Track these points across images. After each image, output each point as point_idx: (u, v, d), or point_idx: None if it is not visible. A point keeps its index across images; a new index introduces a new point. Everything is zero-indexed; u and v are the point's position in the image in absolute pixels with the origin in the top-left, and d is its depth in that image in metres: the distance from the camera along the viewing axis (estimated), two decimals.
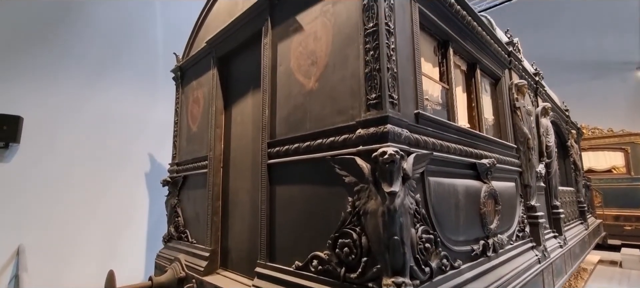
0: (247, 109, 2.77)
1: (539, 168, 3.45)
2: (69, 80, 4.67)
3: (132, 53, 5.45)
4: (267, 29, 2.49)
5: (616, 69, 11.22)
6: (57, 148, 4.46)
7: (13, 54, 4.24)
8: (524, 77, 3.65)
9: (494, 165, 2.41)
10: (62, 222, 4.35)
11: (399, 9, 1.86)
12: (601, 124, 10.34)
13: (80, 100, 4.74)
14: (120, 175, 5.01)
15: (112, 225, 4.79)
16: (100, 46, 5.06)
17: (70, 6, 4.84)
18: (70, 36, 4.77)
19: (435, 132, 1.96)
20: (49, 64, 4.51)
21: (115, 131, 5.04)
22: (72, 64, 4.72)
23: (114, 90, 5.13)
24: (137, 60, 5.50)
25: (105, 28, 5.16)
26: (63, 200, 4.40)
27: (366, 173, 1.54)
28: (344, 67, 1.85)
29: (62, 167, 4.46)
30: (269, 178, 2.21)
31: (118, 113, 5.11)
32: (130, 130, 5.22)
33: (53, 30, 4.62)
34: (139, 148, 5.34)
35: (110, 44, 5.19)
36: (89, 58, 4.91)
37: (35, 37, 4.44)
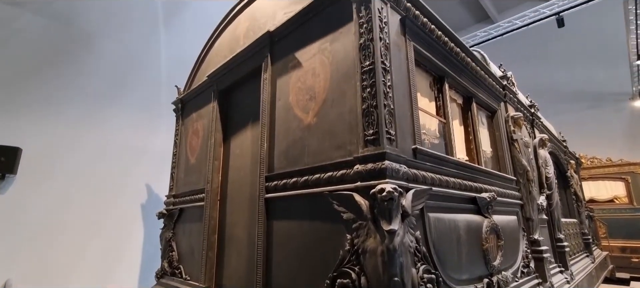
0: (246, 142, 2.78)
1: (540, 200, 3.42)
2: (70, 111, 4.72)
3: (134, 85, 5.56)
4: (267, 64, 2.56)
5: (609, 99, 11.45)
6: (54, 179, 4.42)
7: (15, 85, 4.31)
8: (519, 110, 3.70)
9: (495, 199, 2.38)
10: (54, 255, 4.23)
11: (394, 48, 1.92)
12: (599, 153, 10.38)
13: (80, 131, 4.77)
14: (116, 208, 4.93)
15: (105, 260, 4.66)
16: (102, 78, 5.17)
17: (77, 38, 5.00)
18: (73, 68, 4.88)
19: (434, 167, 1.96)
20: (50, 95, 4.57)
21: (114, 162, 5.03)
22: (73, 95, 4.80)
23: (115, 121, 5.17)
24: (139, 92, 5.60)
25: (109, 60, 5.31)
26: (56, 233, 4.30)
27: (364, 210, 1.52)
28: (341, 103, 1.88)
29: (58, 198, 4.40)
30: (267, 213, 2.18)
31: (118, 144, 5.13)
32: (129, 161, 5.21)
33: (56, 62, 4.74)
34: (136, 179, 5.30)
35: (113, 76, 5.31)
36: (91, 89, 5.00)
37: (37, 68, 4.53)
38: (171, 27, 6.37)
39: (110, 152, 5.02)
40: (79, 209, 4.55)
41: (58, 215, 4.36)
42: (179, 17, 6.56)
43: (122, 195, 5.05)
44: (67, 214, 4.44)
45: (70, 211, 4.47)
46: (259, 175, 2.30)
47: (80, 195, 4.60)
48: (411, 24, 2.12)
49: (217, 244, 2.73)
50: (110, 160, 5.00)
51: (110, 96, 5.21)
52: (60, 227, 4.34)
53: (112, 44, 5.38)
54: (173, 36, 6.34)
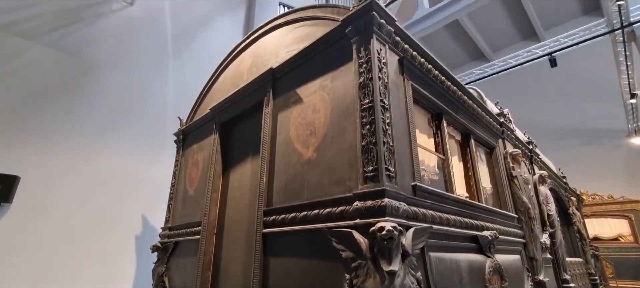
0: (245, 175, 2.78)
1: (543, 238, 3.35)
2: (73, 140, 4.76)
3: (138, 115, 5.65)
4: (268, 99, 2.62)
5: (606, 135, 11.56)
6: (50, 209, 4.36)
7: (19, 114, 4.37)
8: (517, 146, 3.73)
9: (497, 238, 2.34)
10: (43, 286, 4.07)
11: (393, 87, 1.98)
12: (600, 190, 10.32)
13: (81, 160, 4.78)
14: (110, 240, 4.82)
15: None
16: (107, 108, 5.27)
17: (85, 69, 5.14)
18: (78, 98, 4.99)
19: (434, 204, 1.95)
20: (54, 125, 4.63)
21: (112, 193, 4.99)
22: (77, 125, 4.86)
23: (117, 152, 5.20)
24: (143, 123, 5.67)
25: (115, 90, 5.43)
26: (46, 263, 4.17)
27: (364, 249, 1.49)
28: (341, 139, 1.91)
29: (52, 229, 4.31)
30: (264, 249, 2.13)
31: (118, 175, 5.11)
32: (127, 192, 5.17)
33: (62, 92, 4.84)
34: (133, 211, 5.23)
35: (118, 106, 5.41)
36: (95, 119, 5.08)
37: (43, 98, 4.63)
38: (179, 60, 6.59)
39: (109, 183, 5.00)
40: (72, 241, 4.44)
41: (51, 246, 4.25)
42: (186, 51, 6.79)
43: (117, 228, 4.95)
44: (60, 246, 4.33)
45: (63, 243, 4.36)
46: (258, 209, 2.28)
47: (75, 226, 4.51)
48: (409, 64, 2.20)
49: (211, 280, 2.63)
50: (109, 191, 4.97)
51: (114, 126, 5.28)
52: (52, 258, 4.22)
53: (119, 75, 5.53)
54: (180, 69, 6.53)
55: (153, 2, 6.37)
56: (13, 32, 4.51)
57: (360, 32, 1.99)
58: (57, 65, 4.84)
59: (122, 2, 5.88)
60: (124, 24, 5.84)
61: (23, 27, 4.62)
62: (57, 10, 5.02)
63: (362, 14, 1.98)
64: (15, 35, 4.53)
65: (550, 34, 11.28)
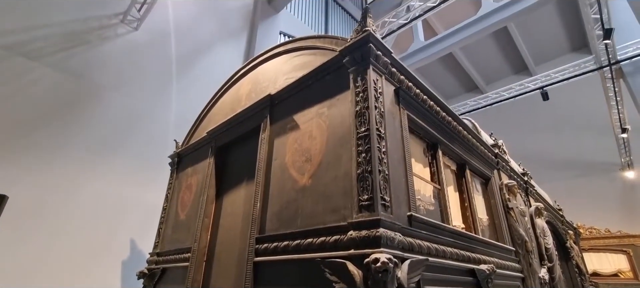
0: (239, 200, 2.73)
1: (542, 273, 3.28)
2: (68, 162, 4.72)
3: (137, 138, 5.64)
4: (266, 124, 2.63)
5: (600, 168, 11.66)
6: (38, 230, 4.24)
7: (15, 133, 4.34)
8: (513, 177, 3.74)
9: (494, 272, 2.29)
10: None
11: (389, 116, 2.00)
12: (596, 223, 10.26)
13: (74, 182, 4.70)
14: (96, 265, 4.65)
15: None
16: (106, 130, 5.27)
17: (87, 91, 5.18)
18: (78, 119, 4.99)
19: (430, 235, 1.91)
20: (50, 145, 4.60)
21: (102, 216, 4.88)
22: (74, 146, 4.83)
23: (112, 174, 5.14)
24: (141, 146, 5.65)
25: (115, 113, 5.45)
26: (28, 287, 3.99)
27: (358, 282, 1.44)
28: (337, 167, 1.90)
29: (38, 251, 4.17)
30: (254, 279, 2.05)
31: (110, 197, 5.03)
32: (118, 215, 5.06)
33: (62, 113, 4.84)
34: (122, 235, 5.09)
35: (117, 128, 5.41)
36: (93, 141, 5.05)
37: (42, 118, 4.62)
38: (180, 84, 6.67)
39: (100, 206, 4.90)
40: (57, 265, 4.28)
41: (35, 269, 4.08)
42: (187, 76, 6.89)
43: (106, 253, 4.80)
44: (45, 268, 4.16)
45: (48, 265, 4.20)
46: (250, 237, 2.22)
47: (60, 250, 4.36)
48: (405, 94, 2.24)
49: None
50: (100, 214, 4.86)
51: (111, 149, 5.25)
52: (34, 281, 4.03)
53: (120, 98, 5.57)
54: (180, 94, 6.60)
55: (157, 28, 6.53)
56: (18, 52, 4.57)
57: (358, 62, 2.03)
58: (59, 87, 4.88)
59: (127, 27, 6.03)
60: (128, 48, 5.96)
61: (29, 47, 4.70)
62: (64, 33, 5.13)
63: (359, 46, 2.03)
64: (19, 55, 4.59)
65: (541, 69, 11.65)
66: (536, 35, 11.81)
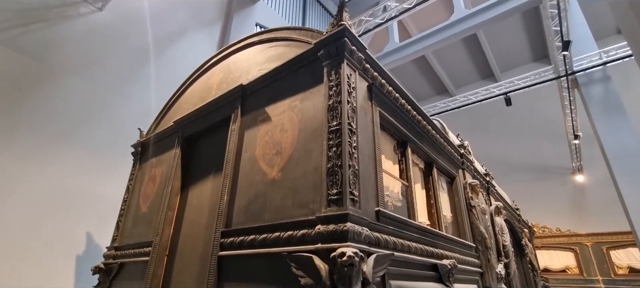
0: (205, 193, 2.63)
1: (499, 268, 3.46)
2: (17, 149, 4.32)
3: (98, 125, 5.28)
4: (236, 115, 2.55)
5: (555, 172, 12.57)
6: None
7: None
8: (476, 177, 3.91)
9: (456, 267, 2.37)
10: None
11: (361, 111, 2.00)
12: (549, 222, 11.06)
13: (24, 171, 4.32)
14: (48, 259, 4.31)
15: None
16: (63, 116, 4.87)
17: (44, 73, 4.76)
18: (32, 102, 4.58)
19: (396, 231, 1.94)
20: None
21: (56, 207, 4.53)
22: (24, 132, 4.43)
23: (67, 163, 4.78)
24: (102, 135, 5.30)
25: (75, 98, 5.06)
26: None
27: (324, 276, 1.43)
28: (307, 161, 1.88)
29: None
30: (218, 274, 1.99)
31: (66, 188, 4.68)
32: (74, 207, 4.72)
33: (14, 95, 4.42)
34: (78, 228, 4.76)
35: (76, 115, 5.03)
36: (46, 127, 4.66)
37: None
38: (147, 71, 6.32)
39: (55, 197, 4.55)
40: (5, 259, 3.92)
41: None
42: (156, 63, 6.55)
43: (58, 247, 4.47)
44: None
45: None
46: (215, 230, 2.15)
47: (9, 243, 4.00)
48: (377, 91, 2.26)
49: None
50: (53, 206, 4.51)
51: (69, 136, 4.88)
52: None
53: (80, 82, 5.19)
54: (148, 81, 6.26)
55: (125, 10, 6.14)
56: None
57: (332, 56, 2.02)
58: (10, 65, 4.44)
59: (90, 7, 5.61)
60: (91, 30, 5.55)
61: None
62: (18, 8, 4.68)
63: (334, 39, 2.02)
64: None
65: (506, 76, 12.32)
66: (503, 44, 12.46)
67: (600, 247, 9.42)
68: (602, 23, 10.52)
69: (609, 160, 7.56)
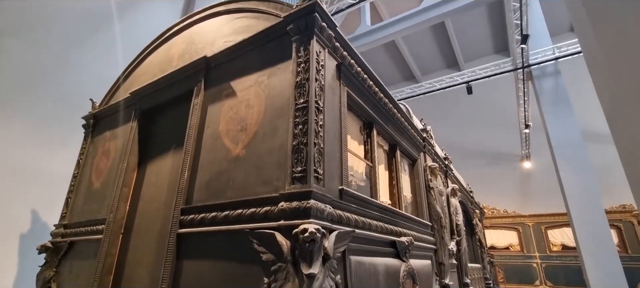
0: (165, 170, 2.51)
1: (451, 246, 3.72)
2: None
3: (42, 96, 4.78)
4: (199, 89, 2.43)
5: (506, 159, 13.60)
6: None
7: None
8: (436, 160, 4.11)
9: (412, 243, 2.51)
10: None
11: (328, 90, 1.99)
12: (497, 204, 12.04)
13: None
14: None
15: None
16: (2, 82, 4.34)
17: None
18: None
19: (358, 209, 2.00)
20: None
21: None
22: None
23: (9, 134, 4.30)
24: (48, 105, 4.82)
25: (13, 64, 4.51)
26: None
27: (285, 252, 1.44)
28: (272, 138, 1.84)
29: None
30: (177, 251, 1.93)
31: (6, 161, 4.22)
32: (16, 183, 4.29)
33: None
34: (21, 205, 4.37)
35: (15, 82, 4.50)
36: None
37: None
38: (103, 37, 5.78)
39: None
40: None
41: None
42: (112, 29, 6.00)
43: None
44: None
45: None
46: (174, 208, 2.07)
47: None
48: (346, 71, 2.25)
49: (111, 287, 2.30)
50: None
51: (8, 105, 4.36)
52: None
53: (22, 45, 4.62)
54: (102, 48, 5.73)
55: None
56: None
57: (301, 31, 1.96)
58: None
59: None
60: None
61: None
62: None
63: (304, 14, 1.96)
64: None
65: (469, 66, 12.87)
66: (468, 35, 12.93)
67: (540, 226, 10.45)
68: (557, 20, 11.26)
69: (553, 149, 8.29)
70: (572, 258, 9.41)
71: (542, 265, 9.97)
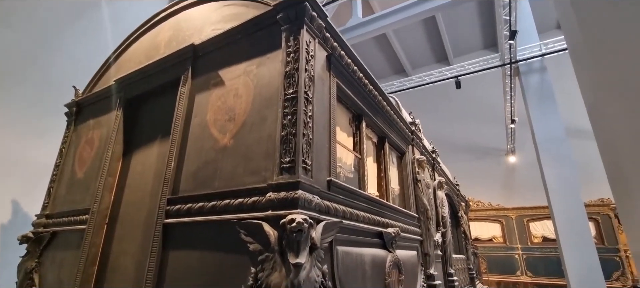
0: (151, 160, 2.47)
1: (437, 237, 3.80)
2: None
3: (21, 82, 4.61)
4: (186, 77, 2.39)
5: (492, 153, 13.89)
6: None
7: None
8: (424, 153, 4.16)
9: (399, 234, 2.55)
10: None
11: (318, 81, 1.98)
12: (483, 197, 12.32)
13: None
14: None
15: None
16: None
17: None
18: None
19: (346, 200, 2.01)
20: None
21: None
22: None
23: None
24: (28, 92, 4.65)
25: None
26: None
27: (272, 242, 1.44)
28: (261, 128, 1.83)
29: None
30: (164, 241, 1.92)
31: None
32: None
33: None
34: (1, 192, 4.24)
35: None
36: None
37: None
38: (87, 22, 5.58)
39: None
40: None
41: None
42: (97, 14, 5.79)
43: None
44: None
45: None
46: (160, 198, 2.04)
47: None
48: (336, 62, 2.24)
49: (95, 277, 2.27)
50: None
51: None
52: None
53: (0, 30, 4.42)
54: (86, 34, 5.53)
55: None
56: None
57: (291, 20, 1.94)
58: None
59: None
60: None
61: None
62: None
63: (295, 3, 1.93)
64: None
65: (458, 61, 12.99)
66: (458, 30, 13.02)
67: (522, 219, 10.76)
68: (545, 18, 11.44)
69: (537, 144, 8.50)
70: (551, 250, 9.74)
71: (523, 256, 10.29)
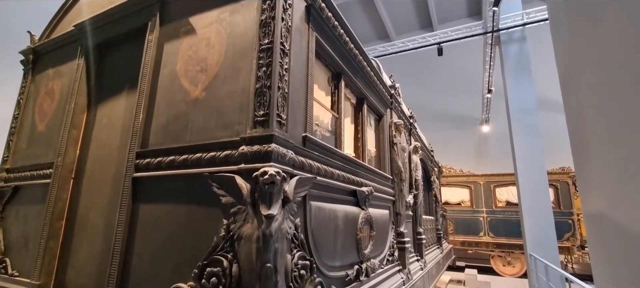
0: (118, 112, 2.34)
1: (409, 198, 3.96)
2: None
3: None
4: (154, 24, 2.21)
5: (468, 122, 14.33)
6: None
7: None
8: (401, 118, 4.21)
9: (372, 193, 2.62)
10: None
11: (296, 33, 1.89)
12: (455, 164, 12.86)
13: None
14: None
15: None
16: None
17: None
18: None
19: (321, 157, 2.01)
20: None
21: None
22: None
23: None
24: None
25: None
26: None
27: (245, 194, 1.43)
28: (234, 80, 1.75)
29: None
30: (133, 195, 1.87)
31: None
32: None
33: None
34: None
35: None
36: None
37: None
38: None
39: None
40: None
41: None
42: None
43: None
44: None
45: None
46: (129, 151, 1.96)
47: None
48: (316, 14, 2.13)
49: (63, 232, 2.21)
50: None
51: None
52: None
53: None
54: None
55: None
56: None
57: None
58: None
59: None
60: None
61: None
62: None
63: None
64: None
65: (442, 27, 12.88)
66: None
67: (490, 185, 11.39)
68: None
69: (510, 113, 8.80)
70: (513, 213, 10.48)
71: (487, 219, 11.03)
